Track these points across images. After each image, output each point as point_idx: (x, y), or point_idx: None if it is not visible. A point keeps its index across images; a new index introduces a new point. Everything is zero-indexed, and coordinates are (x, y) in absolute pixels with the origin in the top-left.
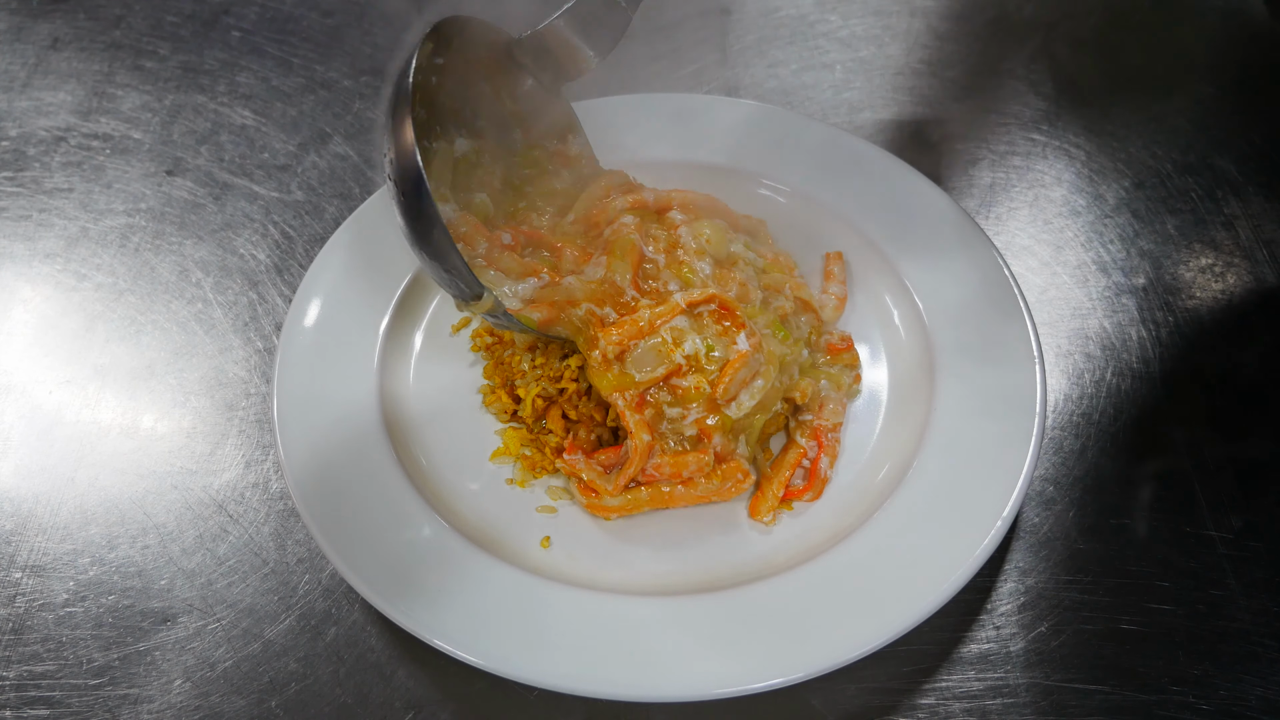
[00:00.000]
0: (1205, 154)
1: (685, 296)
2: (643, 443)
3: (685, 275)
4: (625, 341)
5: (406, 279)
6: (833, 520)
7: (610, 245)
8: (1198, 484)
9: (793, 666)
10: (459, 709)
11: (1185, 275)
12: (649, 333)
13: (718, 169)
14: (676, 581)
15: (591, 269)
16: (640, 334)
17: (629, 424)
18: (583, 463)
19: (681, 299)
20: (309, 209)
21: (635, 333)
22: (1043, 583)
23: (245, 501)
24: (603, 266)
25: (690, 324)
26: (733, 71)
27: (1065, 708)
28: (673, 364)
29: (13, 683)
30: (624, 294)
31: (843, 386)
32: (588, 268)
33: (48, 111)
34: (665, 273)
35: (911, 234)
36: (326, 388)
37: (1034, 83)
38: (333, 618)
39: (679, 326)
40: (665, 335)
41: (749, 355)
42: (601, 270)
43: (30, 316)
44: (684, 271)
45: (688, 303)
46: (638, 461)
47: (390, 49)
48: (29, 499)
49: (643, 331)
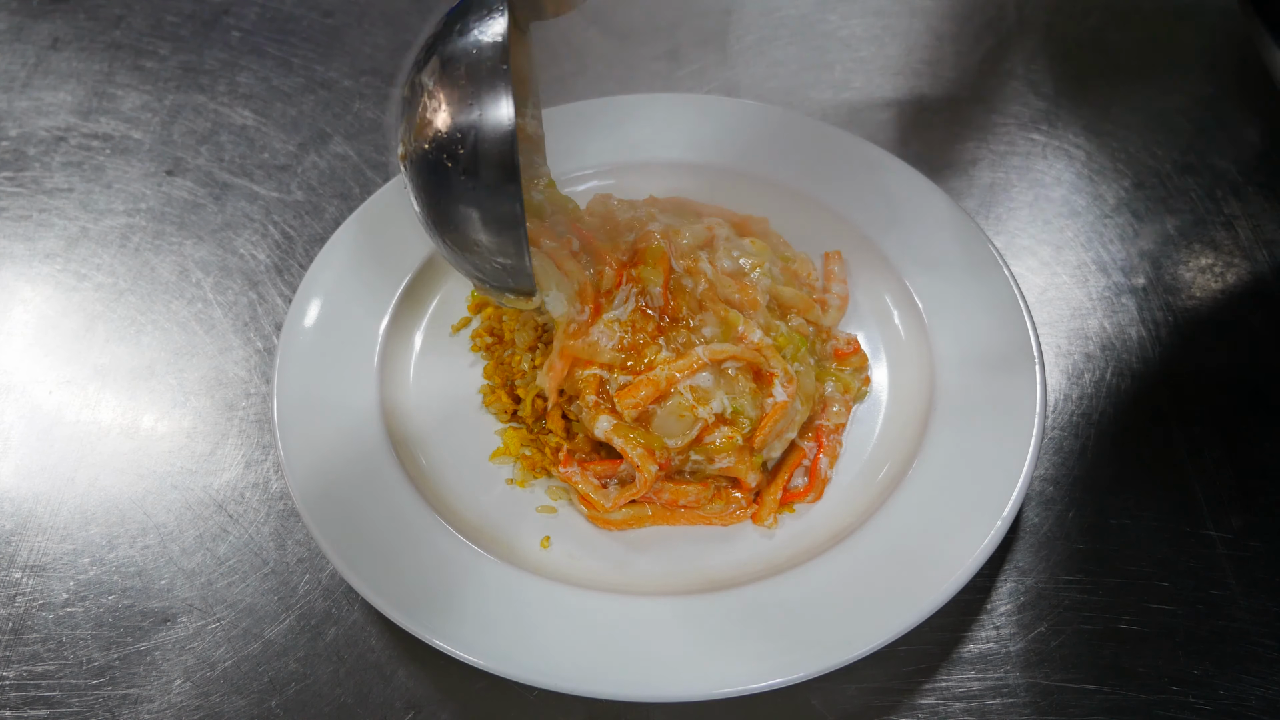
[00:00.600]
0: (1205, 154)
1: (708, 351)
2: (650, 474)
3: (724, 318)
4: (644, 404)
5: (407, 279)
6: (833, 520)
7: (640, 255)
8: (1198, 484)
9: (793, 666)
10: (459, 709)
11: (1185, 275)
12: (667, 393)
13: (718, 169)
14: (676, 581)
15: (619, 302)
16: (660, 396)
17: (632, 460)
18: (579, 475)
19: (704, 353)
20: (309, 209)
21: (654, 395)
22: (1043, 583)
23: (245, 501)
24: (632, 300)
25: (715, 379)
26: (733, 71)
27: (1065, 708)
28: (701, 420)
29: (13, 683)
30: (649, 332)
31: (852, 390)
32: (616, 300)
33: (48, 111)
34: (691, 305)
35: (911, 234)
36: (326, 388)
37: (1034, 83)
38: (333, 618)
39: (703, 386)
40: (686, 394)
41: (787, 406)
42: (630, 306)
43: (30, 316)
44: (721, 314)
45: (711, 358)
46: (643, 490)
47: (391, 49)
48: (29, 499)
49: (662, 392)
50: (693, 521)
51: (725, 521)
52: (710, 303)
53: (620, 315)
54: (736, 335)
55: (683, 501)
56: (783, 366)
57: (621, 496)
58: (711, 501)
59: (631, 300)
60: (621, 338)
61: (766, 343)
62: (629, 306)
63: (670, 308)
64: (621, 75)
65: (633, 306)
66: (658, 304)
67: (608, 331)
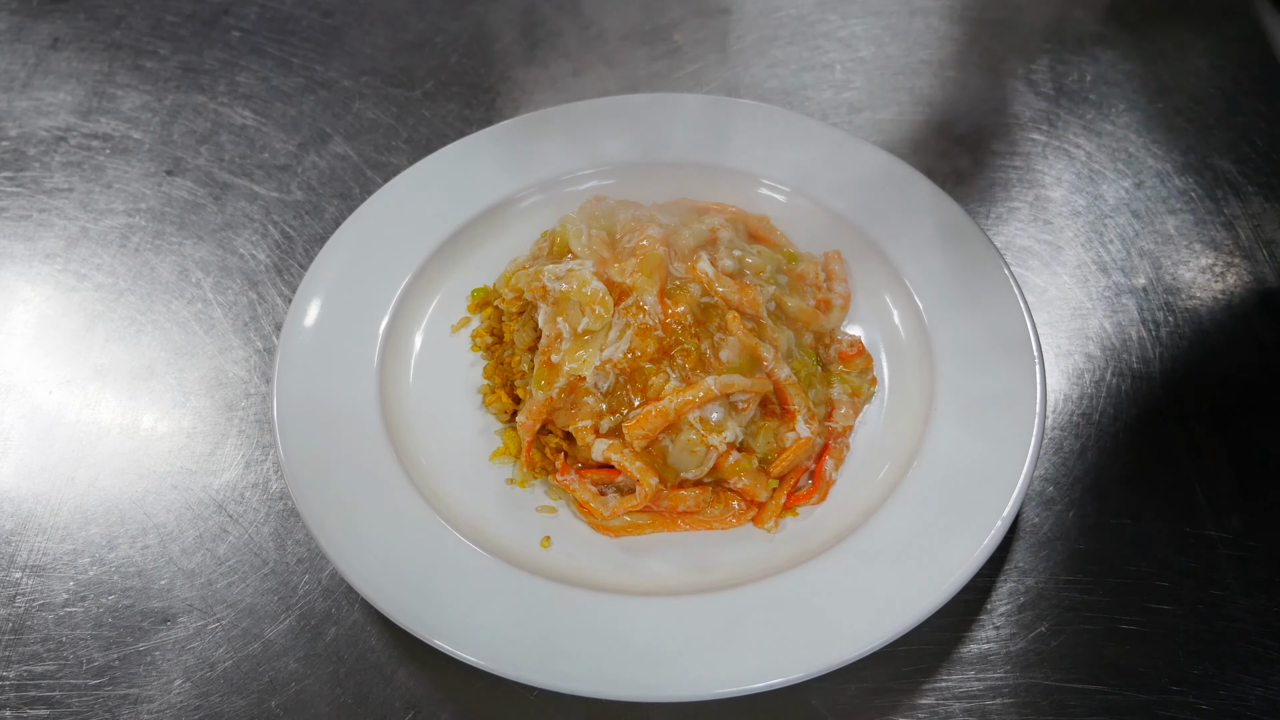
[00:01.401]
0: (1205, 154)
1: (719, 384)
2: (650, 487)
3: (748, 346)
4: (653, 434)
5: (407, 279)
6: (833, 520)
7: (638, 264)
8: (1198, 484)
9: (793, 666)
10: (459, 709)
11: (1185, 275)
12: (678, 425)
13: (718, 169)
14: (676, 581)
15: (613, 339)
16: (670, 426)
17: (631, 473)
18: (576, 483)
19: (715, 385)
20: (309, 209)
21: (663, 425)
22: (1043, 583)
23: (245, 501)
24: (626, 337)
25: (726, 412)
26: (733, 71)
27: (1065, 708)
28: (714, 451)
29: (13, 683)
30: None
31: (861, 393)
32: (610, 337)
33: (48, 111)
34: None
35: (911, 234)
36: (326, 388)
37: (1034, 83)
38: (333, 618)
39: (712, 419)
40: (697, 425)
41: (810, 442)
42: (624, 343)
43: (30, 316)
44: (747, 342)
45: (721, 390)
46: (644, 502)
47: (390, 49)
48: (29, 499)
49: (672, 423)
50: (694, 527)
51: (725, 526)
52: (731, 324)
53: (613, 355)
54: (762, 368)
55: (681, 507)
56: (806, 403)
57: (621, 506)
58: (711, 505)
59: (626, 337)
60: (617, 377)
61: (791, 379)
62: (623, 344)
63: (671, 315)
64: (621, 75)
65: (626, 345)
66: (657, 316)
67: (600, 376)
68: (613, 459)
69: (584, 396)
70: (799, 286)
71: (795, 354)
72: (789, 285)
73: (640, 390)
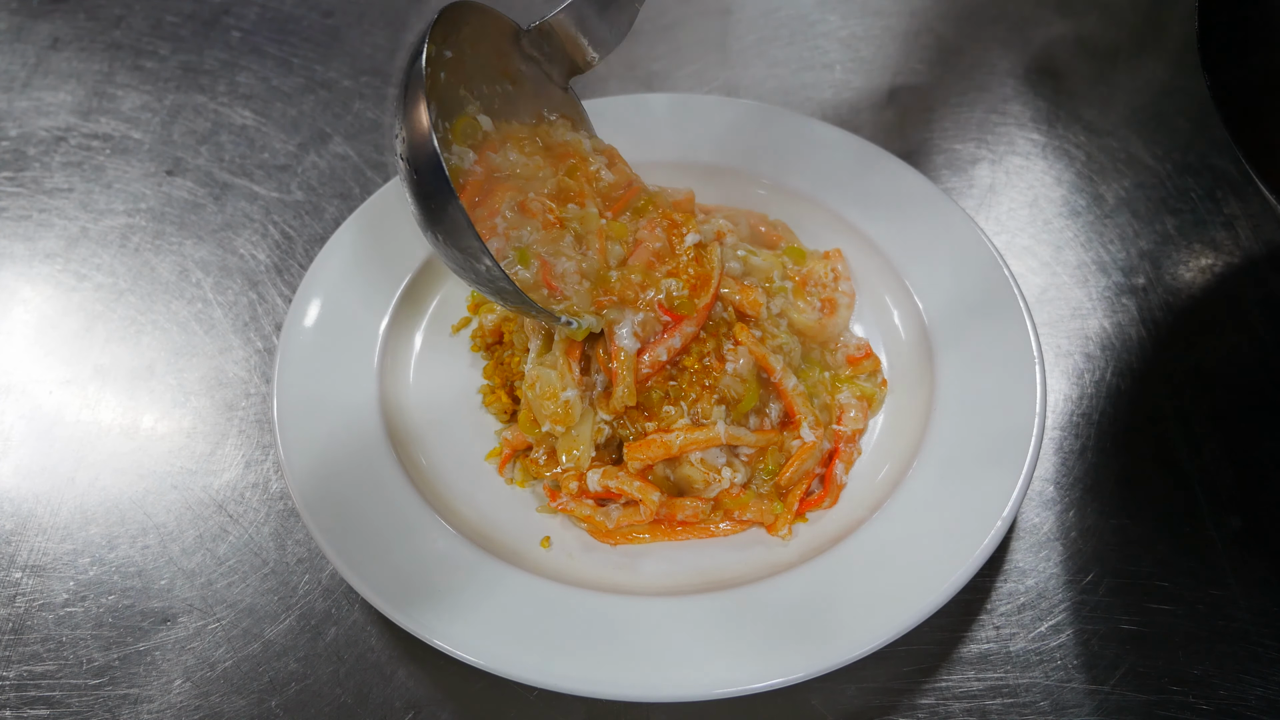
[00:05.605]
0: (1205, 154)
1: (728, 434)
2: (653, 504)
3: (756, 354)
4: (652, 463)
5: (407, 279)
6: (833, 520)
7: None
8: (1198, 484)
9: (793, 666)
10: (459, 709)
11: (1185, 275)
12: (679, 460)
13: (718, 169)
14: (676, 582)
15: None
16: (670, 459)
17: (631, 495)
18: (573, 504)
19: (723, 434)
20: (309, 209)
21: (663, 456)
22: (1043, 583)
23: (245, 501)
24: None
25: (729, 460)
26: (733, 71)
27: (1065, 708)
28: (717, 485)
29: (13, 683)
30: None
31: (873, 398)
32: None
33: (48, 111)
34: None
35: (911, 234)
36: (326, 388)
37: (1034, 83)
38: (333, 618)
39: (714, 463)
40: (699, 465)
41: (815, 446)
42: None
43: (30, 316)
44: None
45: (729, 440)
46: (648, 519)
47: (390, 49)
48: (29, 499)
49: (674, 457)
50: (697, 535)
51: (728, 534)
52: (740, 334)
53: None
54: (772, 383)
55: (681, 515)
56: (811, 411)
57: (624, 518)
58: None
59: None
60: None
61: (799, 389)
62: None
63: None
64: (622, 75)
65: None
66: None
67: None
68: (610, 485)
69: None
70: (802, 288)
71: (801, 364)
72: (794, 290)
73: (650, 416)
